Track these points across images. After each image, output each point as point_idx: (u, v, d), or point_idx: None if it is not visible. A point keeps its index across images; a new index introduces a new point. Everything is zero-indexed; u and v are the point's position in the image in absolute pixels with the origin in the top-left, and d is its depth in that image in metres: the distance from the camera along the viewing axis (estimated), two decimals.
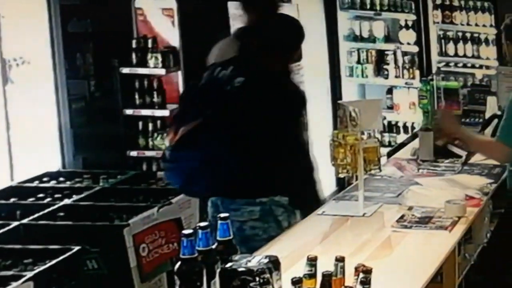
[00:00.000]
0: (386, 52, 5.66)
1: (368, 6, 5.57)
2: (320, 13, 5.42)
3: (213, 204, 2.65)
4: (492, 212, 2.85)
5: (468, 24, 5.52)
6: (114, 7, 4.76)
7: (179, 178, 2.59)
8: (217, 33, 3.65)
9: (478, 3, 5.47)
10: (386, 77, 5.63)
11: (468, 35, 5.54)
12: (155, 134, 4.76)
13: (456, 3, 5.55)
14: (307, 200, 2.67)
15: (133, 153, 4.73)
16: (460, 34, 5.57)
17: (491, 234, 2.78)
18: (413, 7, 5.52)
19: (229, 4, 4.75)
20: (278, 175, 2.55)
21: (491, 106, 3.99)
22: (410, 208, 2.61)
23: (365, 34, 5.64)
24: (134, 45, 4.78)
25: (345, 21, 5.65)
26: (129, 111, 4.76)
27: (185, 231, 1.72)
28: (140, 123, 4.80)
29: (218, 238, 1.85)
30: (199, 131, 2.50)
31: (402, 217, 2.53)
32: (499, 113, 3.64)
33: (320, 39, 5.40)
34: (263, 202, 2.56)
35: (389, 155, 3.61)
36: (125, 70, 4.74)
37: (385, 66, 5.63)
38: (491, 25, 5.42)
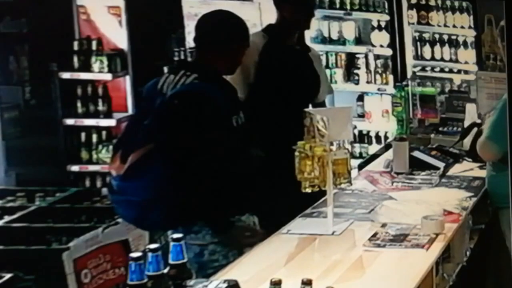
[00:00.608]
0: (357, 56, 5.74)
1: (338, 5, 5.65)
2: None
3: None
4: (472, 228, 2.92)
5: (445, 26, 5.64)
6: (53, 5, 4.73)
7: (131, 211, 2.55)
8: (170, 33, 3.66)
9: (456, 3, 5.59)
10: (357, 82, 5.71)
11: (445, 37, 5.67)
12: (100, 146, 4.74)
13: (432, 3, 5.67)
14: (275, 220, 2.68)
15: (75, 168, 4.70)
16: (437, 36, 5.69)
17: (471, 252, 2.84)
18: (386, 6, 5.62)
19: (184, 1, 4.76)
20: (243, 193, 2.55)
21: (470, 114, 4.09)
22: (383, 225, 2.65)
23: (334, 36, 5.72)
24: (76, 47, 4.77)
25: (312, 21, 5.70)
26: (70, 121, 4.74)
27: (133, 254, 1.72)
28: (83, 134, 4.77)
29: (170, 261, 1.84)
30: (150, 156, 2.46)
31: (374, 235, 2.57)
32: (479, 121, 3.73)
33: None
34: None
35: (361, 167, 3.66)
36: (66, 75, 4.72)
37: (355, 71, 5.71)
38: (470, 27, 5.55)
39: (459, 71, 5.63)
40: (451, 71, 5.65)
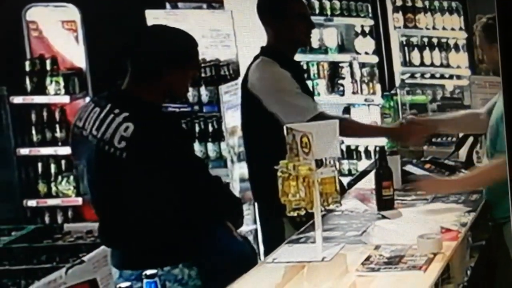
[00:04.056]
0: (340, 65, 5.82)
1: (317, 11, 5.73)
2: (258, 21, 5.54)
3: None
4: (472, 246, 2.97)
5: (434, 28, 5.75)
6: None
7: None
8: None
9: (445, 4, 5.71)
10: (342, 93, 5.78)
11: (435, 40, 5.78)
12: (59, 178, 4.68)
13: (419, 4, 5.78)
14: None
15: (32, 203, 4.63)
16: (425, 40, 5.80)
17: (472, 271, 2.89)
18: (370, 10, 5.71)
19: (147, 12, 4.78)
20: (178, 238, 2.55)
21: None
22: (377, 247, 2.69)
23: (315, 44, 5.79)
24: (27, 68, 4.75)
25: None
26: (24, 151, 4.69)
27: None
28: (40, 165, 4.72)
29: None
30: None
31: (368, 258, 2.61)
32: None
33: None
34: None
35: (350, 185, 3.71)
36: (17, 100, 4.69)
37: (340, 81, 5.79)
38: (460, 28, 5.67)
39: (451, 77, 5.73)
40: (442, 76, 5.74)
